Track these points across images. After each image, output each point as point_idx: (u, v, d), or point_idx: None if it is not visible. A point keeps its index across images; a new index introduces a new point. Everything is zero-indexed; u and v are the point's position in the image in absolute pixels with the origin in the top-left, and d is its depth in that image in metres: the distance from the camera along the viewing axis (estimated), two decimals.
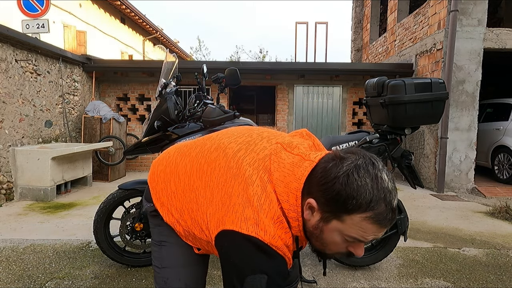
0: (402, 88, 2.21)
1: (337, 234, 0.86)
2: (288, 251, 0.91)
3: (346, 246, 0.88)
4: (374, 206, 0.80)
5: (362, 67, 7.20)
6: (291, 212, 0.89)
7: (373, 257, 2.51)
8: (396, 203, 0.83)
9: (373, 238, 0.84)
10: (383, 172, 0.83)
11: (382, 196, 0.80)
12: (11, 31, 4.43)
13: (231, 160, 0.97)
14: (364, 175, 0.82)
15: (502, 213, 4.09)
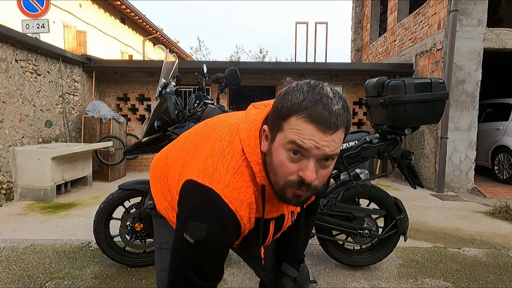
0: (402, 88, 2.21)
1: (281, 149, 0.79)
2: (246, 209, 0.86)
3: (294, 168, 0.79)
4: (307, 105, 0.75)
5: (362, 67, 7.20)
6: (252, 155, 0.86)
7: (373, 257, 2.51)
8: (339, 109, 0.77)
9: (313, 145, 0.75)
10: (326, 87, 0.81)
11: (318, 98, 0.76)
12: (11, 31, 4.43)
13: (208, 128, 1.00)
14: (303, 85, 0.80)
15: (502, 213, 4.09)
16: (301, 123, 0.76)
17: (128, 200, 2.47)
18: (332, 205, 2.33)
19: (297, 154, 0.78)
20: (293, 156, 0.78)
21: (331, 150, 0.76)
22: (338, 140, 0.77)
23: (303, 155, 0.78)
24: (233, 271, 2.48)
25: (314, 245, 2.98)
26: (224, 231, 0.84)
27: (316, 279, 2.37)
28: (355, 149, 2.32)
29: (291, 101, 0.78)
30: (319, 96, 0.77)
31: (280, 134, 0.80)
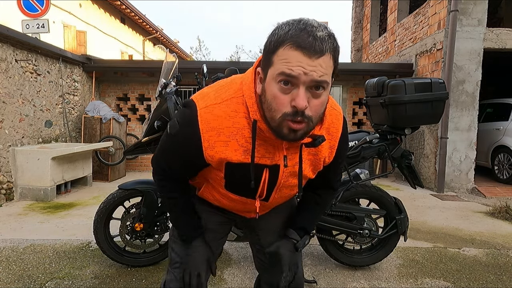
0: (402, 88, 2.21)
1: (273, 83, 0.83)
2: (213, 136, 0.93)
3: (287, 99, 0.82)
4: (293, 34, 0.79)
5: (362, 67, 7.20)
6: (247, 90, 0.93)
7: (373, 257, 2.51)
8: (323, 35, 0.79)
9: (301, 71, 0.78)
10: (312, 20, 0.83)
11: (303, 27, 0.79)
12: (11, 31, 4.43)
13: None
14: (289, 20, 0.84)
15: (502, 213, 4.09)
16: (288, 52, 0.79)
17: (128, 200, 2.47)
18: (332, 205, 2.33)
19: (288, 84, 0.81)
20: (284, 86, 0.81)
21: (319, 75, 0.79)
22: (325, 65, 0.79)
23: (293, 84, 0.80)
24: (233, 271, 2.49)
25: (314, 245, 2.98)
26: (188, 139, 0.96)
27: (316, 279, 2.38)
28: (355, 149, 2.32)
29: (278, 34, 0.81)
30: (304, 26, 0.80)
31: (271, 69, 0.83)
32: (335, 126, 1.03)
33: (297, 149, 0.99)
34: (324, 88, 0.82)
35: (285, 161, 0.99)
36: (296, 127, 0.84)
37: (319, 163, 1.06)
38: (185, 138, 0.97)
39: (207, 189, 1.17)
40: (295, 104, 0.81)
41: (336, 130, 1.03)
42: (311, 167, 1.06)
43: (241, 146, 0.95)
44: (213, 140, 0.94)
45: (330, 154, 1.05)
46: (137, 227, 2.36)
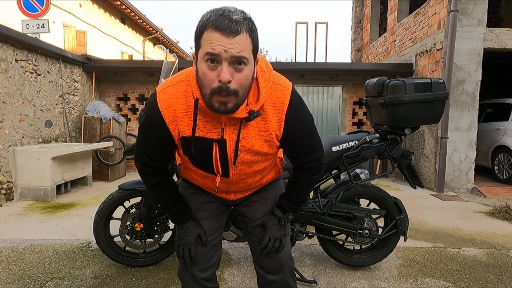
0: (402, 88, 2.21)
1: (202, 62, 0.95)
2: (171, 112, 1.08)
3: (214, 75, 0.94)
4: (213, 19, 0.92)
5: (362, 67, 7.20)
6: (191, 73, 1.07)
7: (373, 257, 2.51)
8: (239, 18, 0.92)
9: (222, 49, 0.91)
10: (232, 7, 0.96)
11: (221, 13, 0.93)
12: (11, 31, 4.43)
13: None
14: (212, 9, 0.97)
15: (502, 213, 4.09)
16: (210, 34, 0.92)
17: (128, 200, 2.47)
18: (332, 205, 2.33)
19: (213, 62, 0.93)
20: (211, 64, 0.94)
21: (237, 51, 0.91)
22: (242, 43, 0.92)
23: (218, 61, 0.93)
24: (233, 271, 2.49)
25: (314, 245, 2.98)
26: (154, 121, 1.10)
27: (316, 279, 2.37)
28: (355, 149, 2.32)
29: (202, 21, 0.95)
30: (222, 11, 0.94)
31: (199, 51, 0.96)
32: (280, 100, 1.09)
33: (239, 124, 1.08)
34: (245, 63, 0.95)
35: (222, 132, 1.09)
36: (224, 100, 0.96)
37: (272, 137, 1.13)
38: (151, 122, 1.11)
39: (185, 169, 1.35)
40: (220, 78, 0.93)
41: (282, 103, 1.09)
42: (266, 143, 1.14)
43: (192, 121, 1.08)
44: (171, 116, 1.09)
45: (279, 127, 1.12)
46: (137, 227, 2.36)
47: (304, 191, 1.35)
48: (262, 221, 1.38)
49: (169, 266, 2.53)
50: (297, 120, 1.13)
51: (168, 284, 2.29)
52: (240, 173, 1.22)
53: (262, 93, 1.05)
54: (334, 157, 2.33)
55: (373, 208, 2.47)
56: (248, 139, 1.11)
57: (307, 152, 1.23)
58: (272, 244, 1.33)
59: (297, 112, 1.13)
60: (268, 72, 1.09)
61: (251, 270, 2.51)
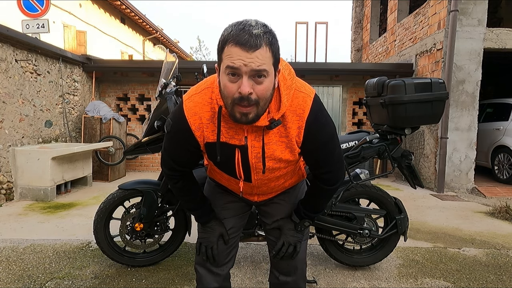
0: (402, 88, 2.21)
1: (223, 75, 0.99)
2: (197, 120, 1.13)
3: (235, 88, 0.98)
4: (234, 34, 0.95)
5: (362, 67, 7.20)
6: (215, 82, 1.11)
7: (373, 257, 2.51)
8: (259, 32, 0.95)
9: (242, 63, 0.94)
10: (252, 20, 0.98)
11: (242, 27, 0.95)
12: (11, 31, 4.43)
13: None
14: (233, 23, 1.00)
15: (502, 213, 4.09)
16: (231, 48, 0.95)
17: (128, 200, 2.47)
18: (332, 205, 2.33)
19: (234, 75, 0.97)
20: (232, 77, 0.97)
21: (257, 65, 0.94)
22: (261, 56, 0.95)
23: (238, 75, 0.96)
24: (233, 271, 2.48)
25: (314, 245, 2.98)
26: (180, 128, 1.16)
27: (316, 279, 2.37)
28: (355, 149, 2.32)
29: (223, 35, 0.98)
30: (243, 26, 0.96)
31: (221, 64, 1.00)
32: (301, 107, 1.11)
33: (261, 131, 1.11)
34: (265, 76, 0.97)
35: (245, 141, 1.12)
36: (245, 110, 0.99)
37: (293, 143, 1.14)
38: (178, 128, 1.17)
39: (211, 170, 1.39)
40: (240, 91, 0.96)
41: (303, 110, 1.11)
42: (287, 149, 1.16)
43: (216, 127, 1.13)
44: (197, 123, 1.13)
45: (299, 133, 1.13)
46: (137, 227, 2.36)
47: (320, 202, 1.35)
48: (279, 224, 1.40)
49: (169, 266, 2.53)
50: (317, 128, 1.14)
51: (168, 284, 2.29)
52: (263, 178, 1.24)
53: (284, 102, 1.07)
54: None
55: (373, 208, 2.47)
56: (270, 145, 1.13)
57: (322, 161, 1.22)
58: (285, 249, 1.35)
59: (318, 119, 1.13)
60: (290, 79, 1.10)
61: (251, 270, 2.51)
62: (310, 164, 1.26)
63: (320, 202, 1.35)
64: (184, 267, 2.53)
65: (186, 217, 2.47)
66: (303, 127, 1.11)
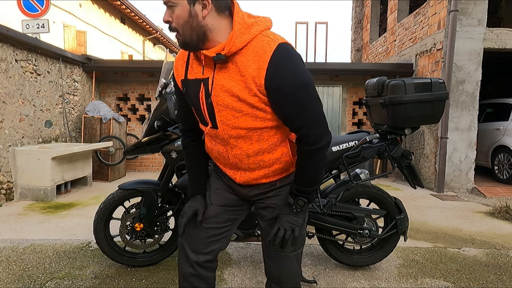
0: (402, 88, 2.21)
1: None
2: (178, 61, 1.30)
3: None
4: None
5: (362, 67, 7.21)
6: None
7: (373, 257, 2.51)
8: None
9: None
10: None
11: None
12: (11, 31, 4.43)
13: None
14: None
15: (502, 213, 4.09)
16: None
17: (128, 200, 2.47)
18: (332, 205, 2.33)
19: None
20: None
21: None
22: None
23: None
24: (233, 271, 2.49)
25: (314, 245, 2.98)
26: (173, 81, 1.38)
27: (316, 279, 2.37)
28: (355, 149, 2.32)
29: None
30: None
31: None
32: (263, 48, 1.10)
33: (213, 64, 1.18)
34: (173, 5, 1.11)
35: (202, 72, 1.19)
36: (176, 37, 1.15)
37: (251, 84, 1.11)
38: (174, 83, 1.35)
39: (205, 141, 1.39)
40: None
41: (264, 51, 1.09)
42: (246, 89, 1.12)
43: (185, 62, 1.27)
44: (176, 64, 1.30)
45: (259, 74, 1.10)
46: (137, 227, 2.36)
47: (308, 171, 1.23)
48: (275, 214, 1.33)
49: (169, 266, 2.53)
50: (282, 73, 1.09)
51: (168, 284, 2.29)
52: (226, 122, 1.19)
53: (234, 40, 1.10)
54: (334, 157, 2.33)
55: (373, 208, 2.47)
56: (226, 80, 1.14)
57: (295, 114, 1.15)
58: (282, 234, 1.23)
59: (285, 65, 1.09)
60: (252, 23, 1.13)
61: (251, 270, 2.51)
62: (283, 119, 1.18)
63: (308, 172, 1.23)
64: None
65: None
66: (264, 68, 1.08)
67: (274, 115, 1.18)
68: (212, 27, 1.12)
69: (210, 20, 1.11)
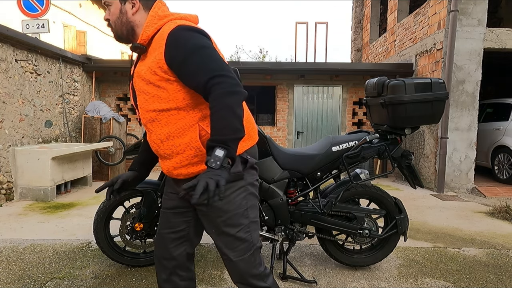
0: (402, 88, 2.21)
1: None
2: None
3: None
4: None
5: (362, 67, 7.20)
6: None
7: (373, 257, 2.51)
8: None
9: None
10: None
11: None
12: (11, 31, 4.43)
13: None
14: None
15: (502, 213, 4.09)
16: None
17: (128, 200, 2.46)
18: (332, 205, 2.33)
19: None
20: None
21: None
22: None
23: None
24: None
25: (314, 245, 2.98)
26: None
27: (316, 279, 2.37)
28: (355, 149, 2.32)
29: None
30: None
31: None
32: (166, 31, 1.21)
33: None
34: (109, 4, 1.30)
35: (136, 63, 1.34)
36: (111, 31, 1.33)
37: (154, 64, 1.21)
38: None
39: None
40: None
41: (165, 33, 1.21)
42: (150, 70, 1.23)
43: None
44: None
45: (160, 52, 1.20)
46: (137, 227, 2.36)
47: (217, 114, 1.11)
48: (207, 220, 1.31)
49: None
50: (176, 42, 1.18)
51: None
52: (142, 106, 1.30)
53: (145, 29, 1.25)
54: (334, 157, 2.33)
55: (373, 208, 2.47)
56: (141, 67, 1.27)
57: (200, 71, 1.14)
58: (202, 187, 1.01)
59: (178, 35, 1.19)
60: (163, 15, 1.27)
61: None
62: (193, 87, 1.17)
63: (219, 116, 1.11)
64: None
65: None
66: (163, 45, 1.19)
67: (176, 96, 1.22)
68: (139, 23, 1.29)
69: (138, 17, 1.28)
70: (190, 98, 1.23)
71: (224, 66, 1.16)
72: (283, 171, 2.32)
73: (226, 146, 1.09)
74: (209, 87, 1.13)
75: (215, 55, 1.17)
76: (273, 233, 2.37)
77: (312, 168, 2.34)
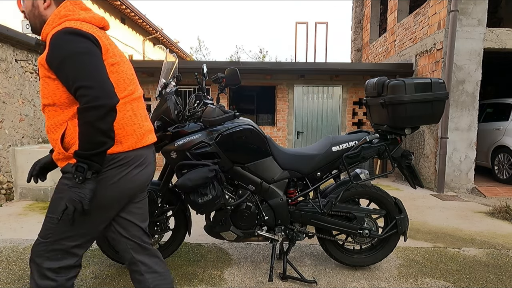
0: (402, 88, 2.21)
1: None
2: None
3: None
4: None
5: (362, 67, 7.21)
6: None
7: (373, 257, 2.51)
8: None
9: None
10: None
11: None
12: (11, 31, 4.43)
13: None
14: None
15: (502, 213, 4.09)
16: None
17: None
18: (332, 205, 2.33)
19: None
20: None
21: None
22: None
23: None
24: (233, 271, 2.49)
25: (314, 245, 2.98)
26: None
27: (316, 279, 2.37)
28: (355, 149, 2.32)
29: None
30: None
31: None
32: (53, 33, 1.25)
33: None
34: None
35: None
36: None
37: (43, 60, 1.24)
38: None
39: None
40: None
41: (52, 33, 1.25)
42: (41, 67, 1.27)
43: None
44: None
45: (45, 53, 1.24)
46: None
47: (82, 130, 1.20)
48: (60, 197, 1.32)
49: (169, 266, 2.53)
50: (55, 45, 1.22)
51: None
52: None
53: (45, 27, 1.31)
54: (334, 157, 2.34)
55: (373, 208, 2.47)
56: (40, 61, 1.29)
57: (70, 79, 1.20)
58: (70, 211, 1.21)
59: (59, 38, 1.22)
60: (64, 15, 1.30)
61: (251, 270, 2.51)
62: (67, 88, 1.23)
63: (83, 132, 1.19)
64: (184, 267, 2.53)
65: (186, 217, 2.47)
66: (48, 44, 1.24)
67: (55, 93, 1.27)
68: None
69: (49, 12, 1.33)
70: (66, 98, 1.27)
71: (94, 76, 1.20)
72: (283, 171, 2.32)
73: (88, 162, 1.20)
74: (76, 97, 1.22)
75: (89, 63, 1.21)
76: (273, 233, 2.37)
77: (312, 168, 2.34)
